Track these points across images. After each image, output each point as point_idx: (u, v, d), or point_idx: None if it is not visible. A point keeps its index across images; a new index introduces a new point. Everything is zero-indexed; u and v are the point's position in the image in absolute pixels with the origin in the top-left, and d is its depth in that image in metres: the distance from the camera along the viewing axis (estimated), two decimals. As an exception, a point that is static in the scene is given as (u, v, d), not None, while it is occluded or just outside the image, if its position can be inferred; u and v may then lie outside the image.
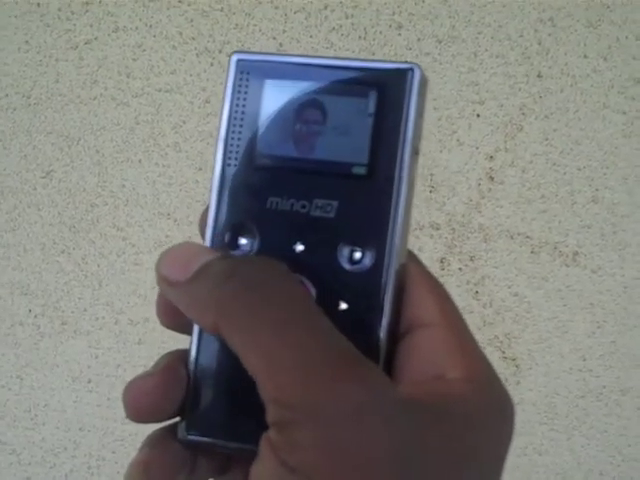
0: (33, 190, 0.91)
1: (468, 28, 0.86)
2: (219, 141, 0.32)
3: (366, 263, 0.30)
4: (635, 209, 0.84)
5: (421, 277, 0.31)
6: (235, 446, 0.30)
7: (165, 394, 0.31)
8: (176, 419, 0.32)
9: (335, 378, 0.26)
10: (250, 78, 0.32)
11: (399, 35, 0.87)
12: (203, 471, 0.32)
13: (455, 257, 0.86)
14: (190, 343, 0.32)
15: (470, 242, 0.86)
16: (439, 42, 0.86)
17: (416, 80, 0.31)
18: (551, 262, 0.85)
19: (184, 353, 0.32)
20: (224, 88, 0.33)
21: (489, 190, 0.86)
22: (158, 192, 0.89)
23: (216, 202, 0.32)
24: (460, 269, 0.86)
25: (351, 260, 0.31)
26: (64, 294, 0.90)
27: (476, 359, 0.30)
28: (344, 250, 0.31)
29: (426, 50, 0.86)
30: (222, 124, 0.32)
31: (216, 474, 0.33)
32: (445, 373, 0.29)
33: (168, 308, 0.31)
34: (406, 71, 0.31)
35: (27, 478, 0.92)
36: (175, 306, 0.30)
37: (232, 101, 0.32)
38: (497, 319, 0.86)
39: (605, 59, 0.85)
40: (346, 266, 0.31)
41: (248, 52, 0.33)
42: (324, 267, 0.31)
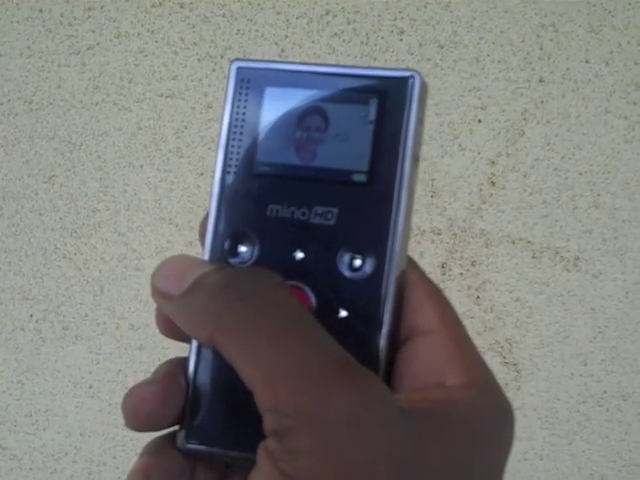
0: (35, 195, 0.91)
1: (470, 33, 0.86)
2: (219, 148, 0.32)
3: (366, 270, 0.30)
4: (636, 214, 0.84)
5: (421, 284, 0.31)
6: (234, 455, 0.30)
7: (164, 402, 0.31)
8: (175, 427, 0.32)
9: (331, 385, 0.26)
10: (250, 86, 0.32)
11: (401, 40, 0.87)
12: (202, 479, 0.32)
13: (456, 262, 0.86)
14: (189, 352, 0.32)
15: (471, 247, 0.86)
16: (441, 47, 0.86)
17: (416, 87, 0.31)
18: (552, 267, 0.85)
19: (184, 361, 0.32)
20: (224, 95, 0.33)
21: (490, 195, 0.86)
22: (160, 197, 0.89)
23: (216, 209, 0.32)
24: (461, 274, 0.86)
25: (351, 267, 0.30)
26: (65, 299, 0.91)
27: (476, 366, 0.30)
28: (344, 257, 0.31)
29: (428, 55, 0.86)
30: (222, 131, 0.32)
31: None
32: (445, 380, 0.29)
33: (167, 318, 0.31)
34: (406, 78, 0.31)
35: (28, 483, 0.92)
36: None
37: (232, 109, 0.32)
38: (498, 324, 0.86)
39: (607, 64, 0.85)
40: (346, 273, 0.30)
41: (248, 60, 0.33)
42: (324, 274, 0.31)
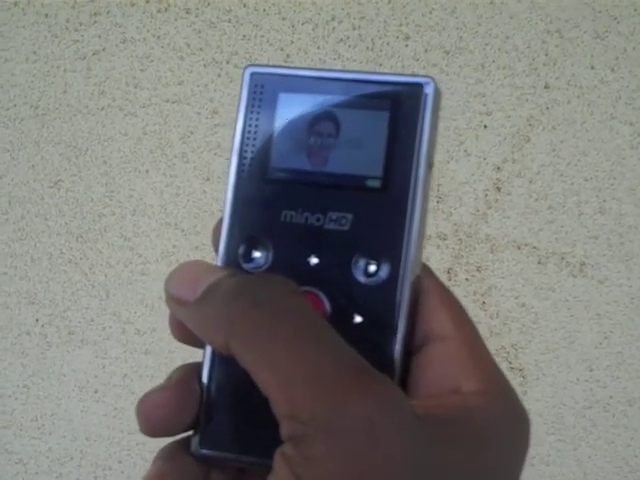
0: (41, 200, 0.91)
1: (475, 39, 0.86)
2: (233, 154, 0.32)
3: (381, 276, 0.30)
4: (642, 220, 0.84)
5: (435, 289, 0.31)
6: (248, 460, 0.30)
7: (179, 408, 0.31)
8: (189, 433, 0.32)
9: (346, 391, 0.26)
10: (264, 91, 0.32)
11: (406, 46, 0.87)
12: None
13: (462, 267, 0.86)
14: (203, 357, 0.32)
15: (477, 252, 0.86)
16: (446, 53, 0.86)
17: (431, 93, 0.31)
18: (558, 273, 0.85)
19: (197, 366, 0.32)
20: (238, 101, 0.33)
21: (496, 201, 0.86)
22: (165, 202, 0.89)
23: (230, 215, 0.32)
24: (467, 279, 0.86)
25: (366, 273, 0.30)
26: (71, 304, 0.91)
27: (491, 371, 0.30)
28: (359, 263, 0.30)
29: (433, 61, 0.87)
30: (236, 137, 0.32)
31: None
32: (460, 386, 0.29)
33: (181, 324, 0.31)
34: (421, 85, 0.31)
35: (33, 488, 0.92)
36: None
37: (246, 114, 0.32)
38: (504, 330, 0.86)
39: (612, 70, 0.85)
40: (361, 279, 0.30)
41: (262, 65, 0.33)
42: (339, 280, 0.30)
